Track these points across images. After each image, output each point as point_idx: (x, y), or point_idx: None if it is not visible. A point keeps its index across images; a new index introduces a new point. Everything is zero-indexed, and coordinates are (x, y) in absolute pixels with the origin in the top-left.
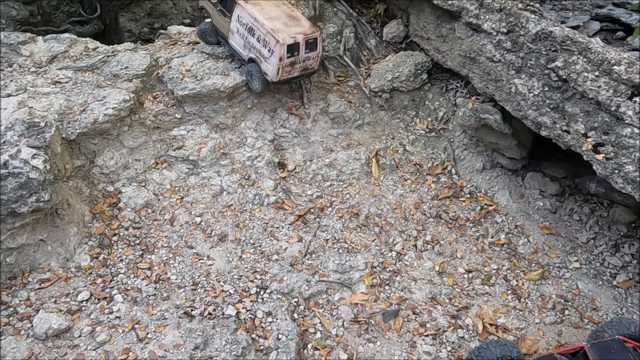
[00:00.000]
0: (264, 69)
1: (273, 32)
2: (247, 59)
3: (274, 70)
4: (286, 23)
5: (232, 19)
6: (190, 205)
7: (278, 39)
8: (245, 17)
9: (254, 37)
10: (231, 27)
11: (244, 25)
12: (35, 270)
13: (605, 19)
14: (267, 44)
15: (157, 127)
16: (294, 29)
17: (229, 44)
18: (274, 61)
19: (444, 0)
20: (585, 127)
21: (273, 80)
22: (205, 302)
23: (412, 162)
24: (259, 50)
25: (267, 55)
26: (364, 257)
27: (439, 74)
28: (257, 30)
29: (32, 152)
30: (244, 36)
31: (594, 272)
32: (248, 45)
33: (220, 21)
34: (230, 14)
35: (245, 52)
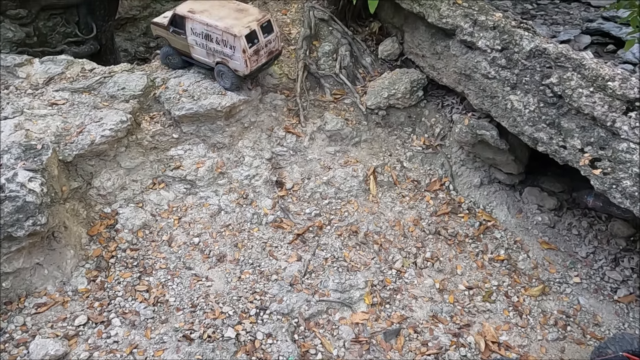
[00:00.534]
0: (233, 67)
1: (227, 29)
2: (215, 64)
3: (243, 64)
4: (236, 17)
5: (187, 35)
6: (188, 226)
7: (234, 33)
8: (197, 27)
9: (212, 42)
10: (189, 42)
11: (199, 35)
12: (32, 294)
13: (596, 32)
14: (226, 42)
15: (155, 148)
16: (245, 19)
17: (193, 59)
18: (239, 55)
19: (438, 19)
20: (581, 142)
21: (246, 74)
22: (204, 325)
23: (410, 178)
24: (222, 51)
25: (231, 53)
26: (364, 275)
27: (435, 91)
28: (213, 34)
29: (29, 175)
30: (204, 45)
31: (595, 287)
32: (211, 51)
33: (178, 41)
34: (184, 30)
35: (210, 59)
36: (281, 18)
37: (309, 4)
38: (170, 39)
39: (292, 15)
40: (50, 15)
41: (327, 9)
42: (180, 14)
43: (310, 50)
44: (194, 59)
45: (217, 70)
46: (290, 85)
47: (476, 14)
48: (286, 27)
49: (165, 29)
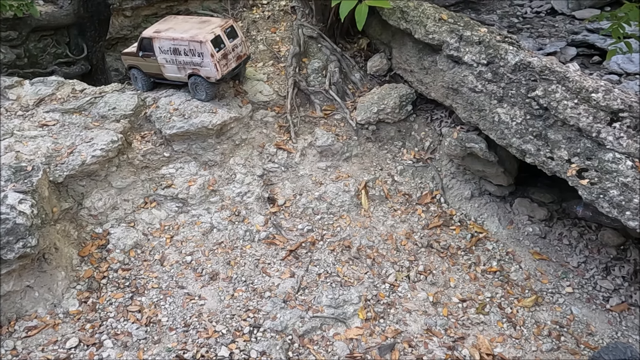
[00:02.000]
0: (205, 74)
1: (193, 38)
2: (187, 78)
3: (213, 69)
4: (200, 27)
5: (156, 55)
6: (180, 244)
7: (200, 40)
8: (165, 44)
9: (181, 55)
10: (160, 62)
11: (168, 52)
12: (22, 317)
13: (581, 44)
14: (194, 51)
15: (146, 167)
16: (208, 27)
17: (166, 79)
18: (208, 61)
19: (425, 35)
20: (568, 153)
21: (217, 79)
22: (197, 344)
23: (401, 192)
24: (192, 61)
25: (200, 61)
26: (358, 290)
27: (424, 105)
28: (181, 47)
29: (19, 197)
30: (173, 60)
31: (587, 296)
32: (181, 65)
33: (150, 64)
34: (152, 51)
35: (182, 74)
36: (270, 36)
37: (297, 22)
38: (141, 64)
39: (281, 33)
40: (41, 36)
41: (316, 26)
42: (146, 36)
43: (300, 67)
44: (167, 79)
45: (190, 84)
46: (280, 102)
47: (462, 30)
48: (275, 45)
49: (135, 56)
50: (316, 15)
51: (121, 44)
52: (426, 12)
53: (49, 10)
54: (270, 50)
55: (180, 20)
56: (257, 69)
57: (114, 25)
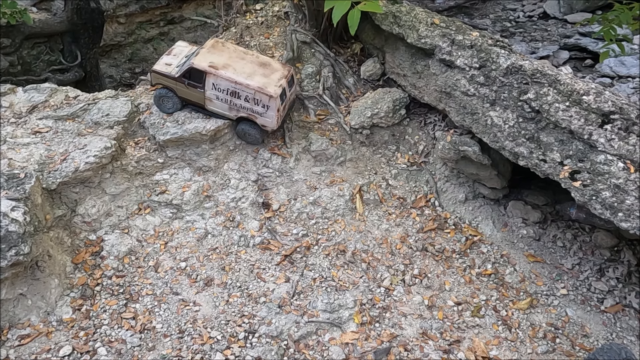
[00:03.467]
0: (261, 122)
1: (261, 89)
2: (235, 118)
3: (274, 122)
4: (264, 74)
5: (206, 89)
6: (174, 250)
7: (270, 94)
8: (222, 84)
9: (240, 99)
10: (207, 96)
11: (223, 91)
12: (15, 326)
13: (574, 47)
14: (258, 101)
15: (140, 173)
16: (273, 76)
17: (206, 109)
18: (272, 114)
19: (418, 39)
20: (560, 155)
21: (274, 129)
22: (192, 350)
23: (396, 196)
24: (251, 108)
25: (262, 111)
26: (353, 294)
27: (417, 109)
28: (243, 92)
29: (12, 205)
30: (227, 100)
31: (582, 298)
32: (235, 107)
33: (190, 92)
34: (202, 84)
35: (232, 113)
36: (264, 42)
37: (291, 28)
38: (179, 89)
39: (274, 38)
40: (34, 43)
41: (309, 31)
42: (200, 68)
43: (294, 72)
44: (207, 109)
45: (240, 129)
46: None
47: (454, 34)
48: (269, 50)
49: (175, 81)
50: (309, 21)
51: (115, 51)
52: (418, 16)
53: (42, 18)
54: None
55: (235, 55)
56: None
57: (108, 32)
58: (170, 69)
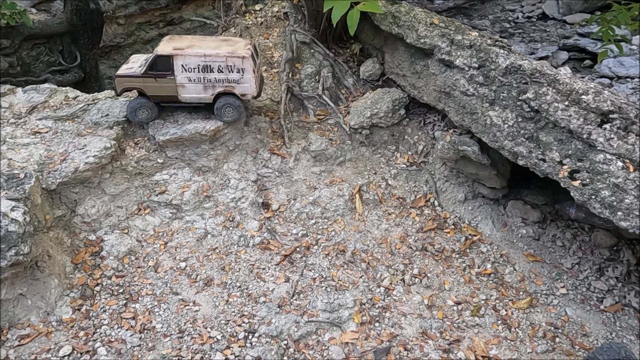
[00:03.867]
0: (241, 92)
1: (232, 54)
2: (213, 98)
3: (253, 85)
4: (229, 44)
5: (176, 74)
6: (174, 250)
7: (242, 55)
8: (192, 61)
9: (213, 72)
10: (179, 82)
11: (194, 69)
12: (15, 326)
13: (573, 48)
14: (232, 67)
15: (139, 173)
16: (239, 45)
17: (180, 102)
18: (249, 77)
19: (417, 39)
20: (560, 155)
21: (254, 95)
22: (192, 350)
23: (395, 196)
24: (226, 78)
25: (239, 77)
26: (352, 294)
27: (416, 109)
28: (214, 63)
29: (12, 205)
30: (201, 78)
31: (581, 297)
32: (210, 83)
33: (160, 86)
34: (171, 70)
35: (208, 93)
36: (263, 42)
37: (290, 28)
38: (149, 86)
39: (274, 39)
40: (34, 44)
41: (308, 32)
42: (165, 53)
43: (293, 72)
44: (181, 101)
45: (218, 104)
46: (274, 108)
47: (453, 34)
48: (269, 50)
49: (142, 77)
50: (309, 21)
51: (114, 52)
52: (418, 16)
53: (41, 19)
54: (263, 56)
55: (195, 39)
56: None
57: (107, 33)
58: (133, 70)
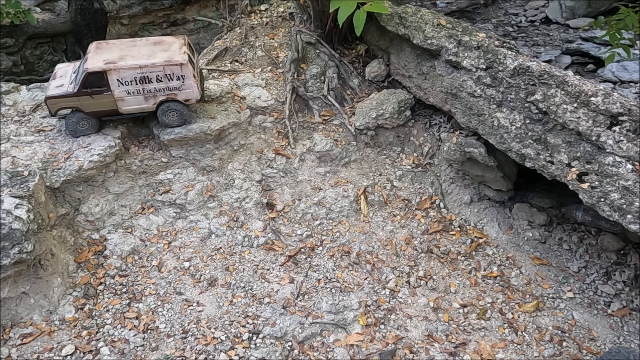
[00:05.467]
0: (183, 97)
1: (168, 62)
2: (155, 107)
3: (195, 90)
4: (163, 49)
5: (113, 89)
6: (178, 250)
7: (179, 62)
8: (127, 75)
9: (152, 82)
10: (117, 96)
11: (132, 82)
12: (17, 325)
13: (576, 52)
14: (171, 76)
15: (143, 172)
16: (173, 47)
17: (121, 114)
18: (190, 82)
19: (423, 40)
20: (568, 157)
21: (198, 99)
22: (195, 351)
23: (401, 197)
24: (167, 86)
25: (179, 84)
26: (357, 296)
27: (422, 110)
28: (152, 73)
29: (15, 202)
30: (140, 90)
31: (588, 301)
32: (151, 93)
33: (98, 102)
34: (106, 86)
35: (150, 103)
36: (269, 42)
37: (296, 28)
38: (85, 104)
39: (279, 39)
40: (38, 43)
41: (314, 32)
42: (97, 70)
43: (298, 73)
44: (122, 113)
45: (162, 110)
46: (279, 108)
47: (460, 35)
48: (274, 50)
49: (77, 96)
50: (314, 22)
51: None
52: (424, 17)
53: (45, 18)
54: (268, 56)
55: (124, 45)
56: (255, 74)
57: (111, 33)
58: (65, 88)
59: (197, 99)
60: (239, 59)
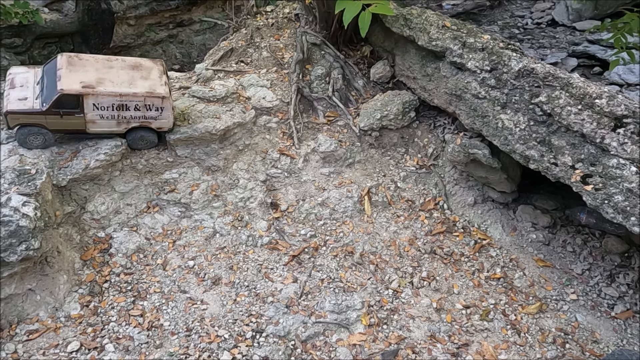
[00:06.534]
0: (157, 125)
1: (151, 94)
2: (125, 131)
3: (170, 120)
4: (143, 76)
5: (86, 112)
6: (182, 249)
7: (162, 95)
8: (105, 101)
9: (129, 110)
10: (89, 119)
11: (108, 108)
12: (23, 321)
13: (582, 55)
14: (150, 106)
15: (149, 171)
16: (153, 75)
17: (87, 134)
18: (167, 114)
19: (428, 42)
20: (572, 159)
21: (170, 128)
22: (199, 349)
23: (404, 198)
24: (143, 115)
25: (157, 115)
26: (361, 296)
27: (427, 112)
28: (131, 103)
29: (23, 200)
30: (115, 116)
31: (592, 303)
32: (124, 120)
33: (66, 122)
34: (80, 109)
35: (121, 127)
36: (274, 43)
37: (301, 29)
38: (50, 123)
39: (285, 40)
40: (45, 43)
41: (319, 33)
42: (73, 93)
43: (303, 74)
44: (89, 133)
45: (132, 136)
46: (283, 108)
47: (465, 36)
48: (279, 51)
49: (44, 115)
50: (320, 23)
51: (124, 52)
52: (429, 19)
53: (53, 18)
54: (273, 57)
55: (100, 65)
56: (260, 75)
57: (118, 33)
58: (31, 103)
59: (169, 127)
60: (244, 59)
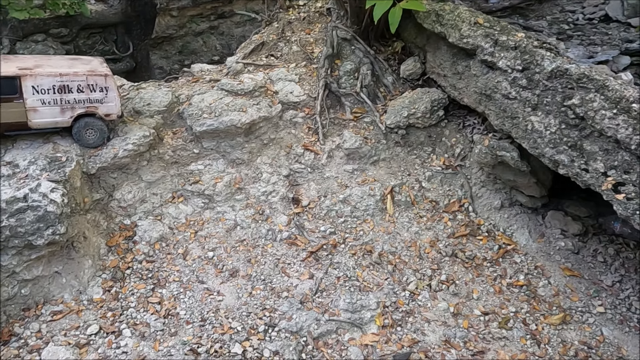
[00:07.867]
0: (104, 111)
1: (92, 72)
2: (71, 121)
3: (117, 104)
4: (83, 63)
5: (25, 97)
6: (203, 240)
7: (105, 73)
8: (46, 82)
9: (72, 92)
10: (30, 106)
11: (49, 90)
12: (49, 302)
13: (636, 53)
14: (94, 86)
15: (175, 162)
16: (93, 63)
17: (30, 129)
18: (113, 95)
19: (459, 39)
20: (604, 165)
21: (119, 115)
22: (212, 339)
23: (428, 199)
24: (88, 98)
25: (102, 96)
26: (376, 296)
27: (456, 111)
28: (73, 82)
29: (51, 186)
30: (57, 100)
31: (620, 317)
32: (69, 105)
33: (6, 112)
34: (19, 93)
35: (66, 116)
36: (305, 37)
37: (332, 24)
38: None
39: (315, 34)
40: (90, 34)
41: (350, 28)
42: (10, 74)
43: (332, 69)
44: (32, 127)
45: (79, 126)
46: (310, 103)
47: (497, 34)
48: (309, 46)
49: None
50: (351, 17)
51: (167, 43)
52: (462, 15)
53: (98, 9)
54: (303, 52)
55: (38, 58)
56: (289, 69)
57: (160, 24)
58: None
59: (118, 114)
60: (274, 53)
